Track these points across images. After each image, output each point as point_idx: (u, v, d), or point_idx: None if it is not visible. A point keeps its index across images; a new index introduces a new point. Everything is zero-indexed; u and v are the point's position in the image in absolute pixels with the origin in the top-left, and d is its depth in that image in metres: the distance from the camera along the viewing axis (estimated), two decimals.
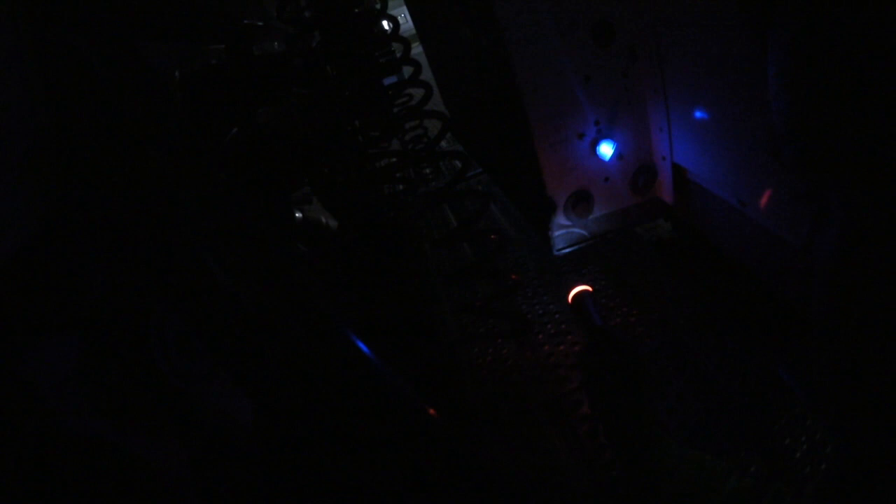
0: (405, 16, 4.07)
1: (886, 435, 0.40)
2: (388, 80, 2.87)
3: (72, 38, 1.39)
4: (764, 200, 1.56)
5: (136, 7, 1.68)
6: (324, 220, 2.35)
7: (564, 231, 2.14)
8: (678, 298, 2.23)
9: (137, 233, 1.29)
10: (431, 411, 1.27)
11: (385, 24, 3.07)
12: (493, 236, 2.90)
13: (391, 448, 1.31)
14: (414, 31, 3.70)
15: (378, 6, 2.87)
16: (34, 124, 1.24)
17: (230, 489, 1.25)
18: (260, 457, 1.31)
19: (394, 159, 3.05)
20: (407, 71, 2.85)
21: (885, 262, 0.35)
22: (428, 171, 3.81)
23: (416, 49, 3.22)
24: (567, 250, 2.20)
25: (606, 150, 1.96)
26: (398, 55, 3.01)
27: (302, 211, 2.33)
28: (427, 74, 3.04)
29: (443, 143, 3.01)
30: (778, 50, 0.40)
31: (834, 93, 0.36)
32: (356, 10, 2.56)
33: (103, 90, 1.45)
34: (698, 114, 1.70)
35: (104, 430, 1.06)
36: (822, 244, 0.41)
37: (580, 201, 2.06)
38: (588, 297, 1.26)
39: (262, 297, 1.36)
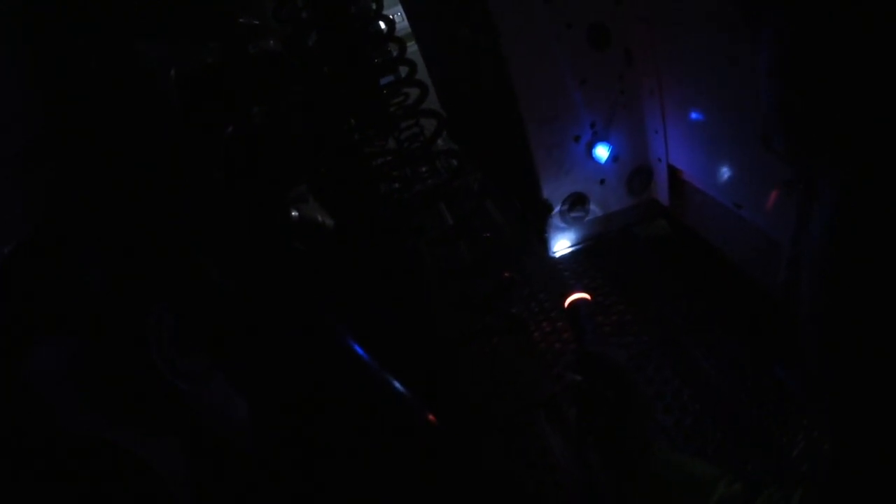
0: (400, 14, 4.06)
1: (882, 431, 0.40)
2: (385, 80, 2.88)
3: (67, 37, 1.39)
4: (758, 203, 1.58)
5: (132, 5, 1.68)
6: (320, 218, 2.35)
7: (560, 233, 2.15)
8: (674, 297, 2.25)
9: (134, 232, 1.29)
10: (431, 417, 1.28)
11: (381, 24, 3.07)
12: (486, 234, 2.90)
13: (387, 449, 1.32)
14: (409, 31, 3.69)
15: (374, 6, 2.87)
16: (30, 125, 1.24)
17: (227, 488, 1.26)
18: (257, 455, 1.32)
19: (389, 157, 3.05)
20: (403, 71, 2.85)
21: (872, 245, 0.36)
22: (424, 169, 3.81)
23: (412, 48, 3.22)
24: (563, 252, 2.21)
25: (602, 152, 1.97)
26: (394, 54, 3.02)
27: (298, 209, 2.33)
28: (422, 73, 3.05)
29: (438, 142, 3.01)
30: (770, 37, 0.41)
31: (824, 78, 0.37)
32: (352, 10, 2.56)
33: (99, 89, 1.45)
34: (694, 116, 1.71)
35: (101, 429, 1.07)
36: (811, 231, 0.42)
37: (576, 203, 2.07)
38: (584, 307, 1.23)
39: (258, 296, 1.37)
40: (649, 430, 0.94)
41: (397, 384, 1.31)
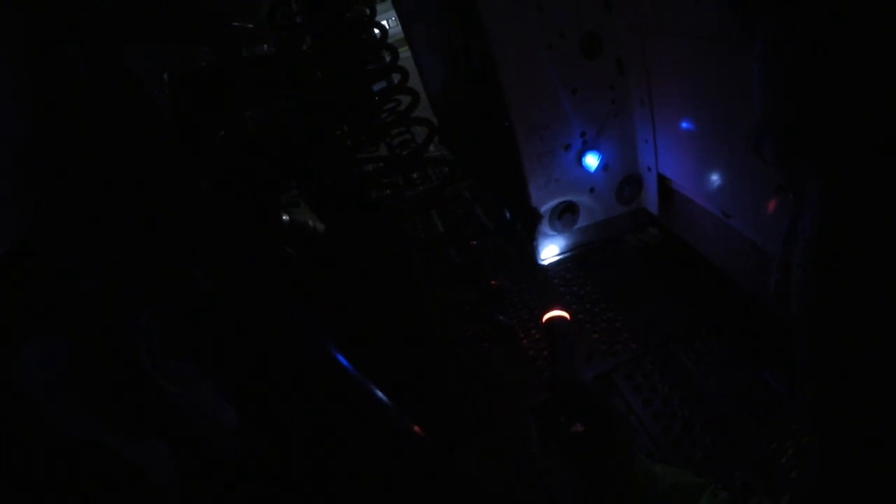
0: (394, 19, 4.08)
1: (872, 433, 0.41)
2: (377, 86, 2.89)
3: (61, 42, 1.39)
4: (747, 212, 1.59)
5: (125, 10, 1.68)
6: (311, 223, 2.35)
7: (549, 240, 2.17)
8: (664, 304, 2.26)
9: (125, 236, 1.29)
10: (416, 428, 1.28)
11: (375, 30, 3.08)
12: (472, 242, 2.91)
13: (374, 453, 1.32)
14: (401, 36, 3.71)
15: (368, 12, 2.88)
16: (22, 128, 1.24)
17: (216, 492, 1.26)
18: (245, 460, 1.31)
19: (381, 164, 3.06)
20: (395, 78, 2.87)
21: (858, 247, 0.37)
22: (415, 175, 3.83)
23: (405, 54, 3.23)
24: (552, 259, 2.22)
25: (592, 161, 1.98)
26: (387, 60, 3.03)
27: (289, 214, 2.33)
28: (414, 78, 3.06)
29: (430, 148, 3.02)
30: (763, 45, 0.42)
31: (815, 84, 0.38)
32: (347, 15, 2.57)
33: (91, 94, 1.45)
34: (684, 126, 1.73)
35: (92, 433, 1.06)
36: (801, 232, 0.43)
37: (566, 212, 2.08)
38: (559, 326, 1.20)
39: (245, 302, 1.37)
40: (630, 443, 0.94)
41: (381, 394, 1.31)
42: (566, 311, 1.20)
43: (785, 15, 0.40)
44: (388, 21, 5.06)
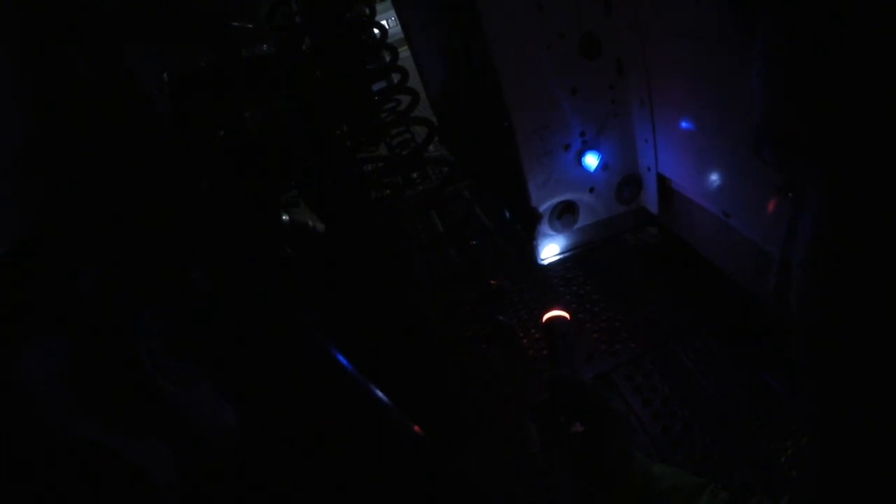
0: (394, 19, 4.07)
1: (871, 435, 0.41)
2: (378, 86, 2.89)
3: (61, 42, 1.39)
4: (747, 212, 1.59)
5: (125, 10, 1.68)
6: (311, 223, 2.35)
7: (549, 240, 2.16)
8: (663, 304, 2.26)
9: (125, 236, 1.29)
10: (416, 428, 1.28)
11: (375, 31, 3.08)
12: (472, 242, 2.92)
13: (374, 454, 1.32)
14: (401, 36, 3.71)
15: (367, 11, 2.88)
16: (22, 129, 1.24)
17: (217, 492, 1.25)
18: (246, 460, 1.31)
19: (381, 164, 3.06)
20: (395, 78, 2.86)
21: (858, 247, 0.37)
22: (415, 175, 3.82)
23: (405, 54, 3.23)
24: (552, 259, 2.22)
25: (592, 160, 1.98)
26: (387, 60, 3.03)
27: (289, 214, 2.33)
28: (414, 78, 3.06)
29: (430, 148, 3.02)
30: (763, 45, 0.42)
31: (814, 85, 0.38)
32: (346, 15, 2.57)
33: (91, 94, 1.45)
34: (684, 125, 1.73)
35: (92, 433, 1.06)
36: (801, 233, 0.43)
37: (565, 212, 2.08)
38: (558, 326, 1.18)
39: (245, 302, 1.37)
40: (630, 443, 0.94)
41: (380, 394, 1.31)
42: (566, 311, 1.20)
43: (785, 15, 0.40)
44: (388, 21, 5.05)
